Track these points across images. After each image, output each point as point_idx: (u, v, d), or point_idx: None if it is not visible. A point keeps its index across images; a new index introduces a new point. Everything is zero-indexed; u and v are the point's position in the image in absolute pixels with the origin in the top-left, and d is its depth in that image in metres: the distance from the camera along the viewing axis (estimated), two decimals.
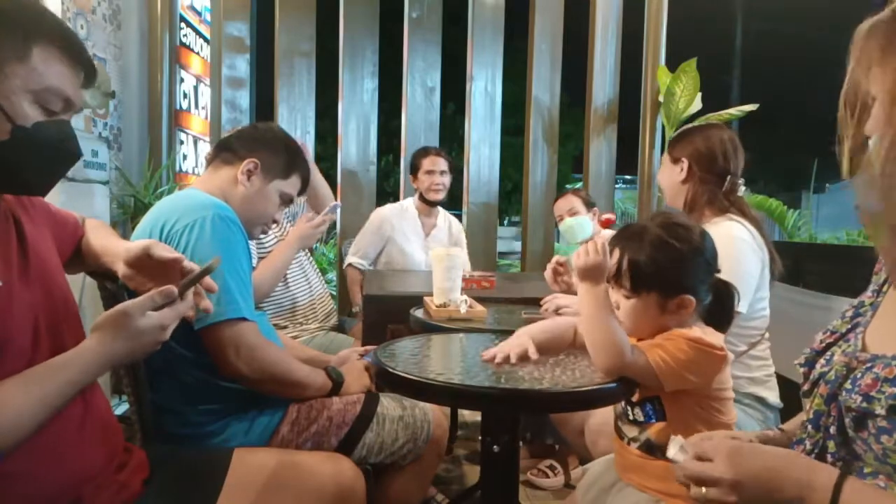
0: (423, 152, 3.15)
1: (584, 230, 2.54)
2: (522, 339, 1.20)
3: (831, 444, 0.77)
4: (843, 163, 0.79)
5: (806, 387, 0.86)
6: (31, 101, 0.92)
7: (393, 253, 3.09)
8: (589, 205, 2.72)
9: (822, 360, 0.84)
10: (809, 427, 0.82)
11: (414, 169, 3.16)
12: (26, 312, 0.96)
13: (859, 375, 0.75)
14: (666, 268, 1.12)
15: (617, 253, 1.16)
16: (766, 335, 1.68)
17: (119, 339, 0.93)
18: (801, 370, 0.88)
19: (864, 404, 0.72)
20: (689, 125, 1.87)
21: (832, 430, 0.77)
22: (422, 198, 3.14)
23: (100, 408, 1.08)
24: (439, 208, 3.22)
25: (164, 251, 1.07)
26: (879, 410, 0.70)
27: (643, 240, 1.14)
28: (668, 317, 1.14)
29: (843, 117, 0.80)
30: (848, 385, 0.75)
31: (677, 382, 1.09)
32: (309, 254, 2.57)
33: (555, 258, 1.97)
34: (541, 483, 2.28)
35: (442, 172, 3.09)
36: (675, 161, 1.79)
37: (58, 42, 0.94)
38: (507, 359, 1.16)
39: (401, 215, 3.14)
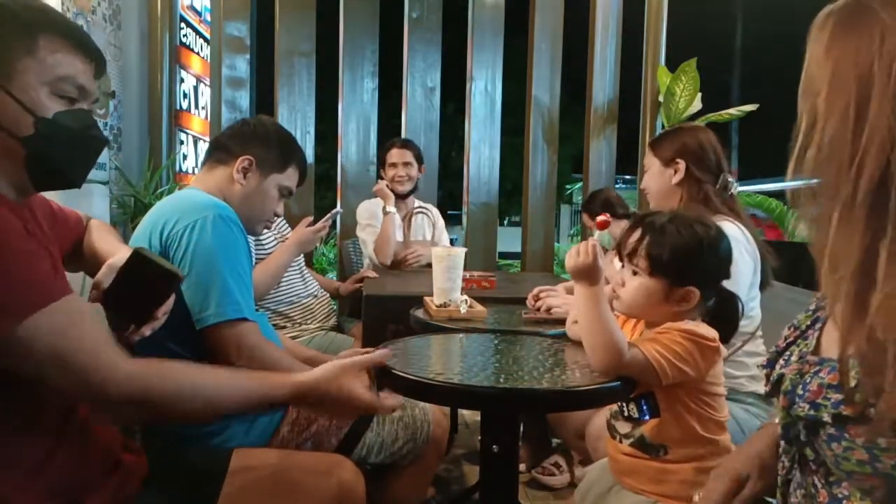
0: (388, 145, 3.17)
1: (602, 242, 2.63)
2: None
3: (808, 451, 0.76)
4: (791, 163, 0.75)
5: (767, 388, 0.84)
6: (48, 92, 0.93)
7: None
8: (593, 215, 2.82)
9: (781, 361, 0.82)
10: (783, 443, 0.81)
11: (382, 162, 3.18)
12: None
13: (808, 381, 0.73)
14: (683, 257, 1.13)
15: (638, 232, 1.17)
16: (759, 332, 1.68)
17: None
18: (764, 371, 0.86)
19: (812, 412, 0.70)
20: (668, 128, 1.85)
21: (802, 437, 0.76)
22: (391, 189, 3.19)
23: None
24: (413, 198, 3.22)
25: None
26: (826, 418, 0.69)
27: (669, 225, 1.15)
28: (669, 305, 1.15)
29: (800, 112, 0.75)
30: (799, 391, 0.74)
31: (675, 375, 1.09)
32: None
33: (536, 289, 1.86)
34: (547, 481, 2.25)
35: (405, 164, 3.07)
36: (668, 163, 1.77)
37: (62, 32, 0.95)
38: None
39: (379, 209, 3.13)
